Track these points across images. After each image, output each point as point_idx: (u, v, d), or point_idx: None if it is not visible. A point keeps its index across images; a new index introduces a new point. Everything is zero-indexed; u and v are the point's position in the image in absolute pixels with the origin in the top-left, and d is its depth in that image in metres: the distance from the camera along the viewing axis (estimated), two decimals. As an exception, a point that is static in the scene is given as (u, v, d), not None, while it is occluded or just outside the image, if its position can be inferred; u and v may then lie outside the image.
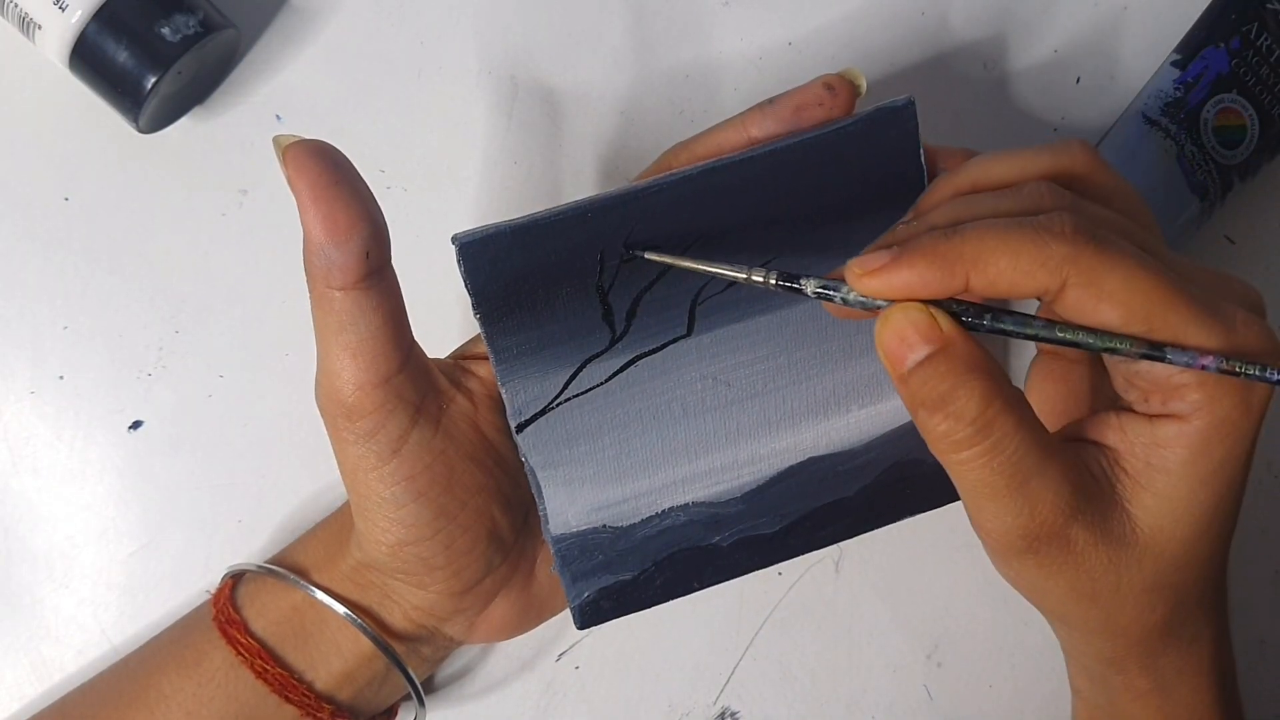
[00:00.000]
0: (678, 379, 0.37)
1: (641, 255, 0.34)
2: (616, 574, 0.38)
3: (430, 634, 0.38)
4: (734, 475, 0.38)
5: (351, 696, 0.37)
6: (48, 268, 0.41)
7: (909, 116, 0.35)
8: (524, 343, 0.35)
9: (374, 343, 0.32)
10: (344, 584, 0.37)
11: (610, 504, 0.37)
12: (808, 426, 0.38)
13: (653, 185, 0.34)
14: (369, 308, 0.32)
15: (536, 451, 0.36)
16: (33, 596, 0.42)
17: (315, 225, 0.31)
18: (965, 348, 0.29)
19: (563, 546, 0.37)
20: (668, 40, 0.44)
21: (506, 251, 0.34)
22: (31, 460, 0.42)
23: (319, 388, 0.33)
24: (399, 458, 0.33)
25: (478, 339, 0.38)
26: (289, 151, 0.31)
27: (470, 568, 0.36)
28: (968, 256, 0.28)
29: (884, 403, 0.39)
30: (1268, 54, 0.44)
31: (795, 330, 0.37)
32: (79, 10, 0.37)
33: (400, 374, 0.33)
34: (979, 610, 0.46)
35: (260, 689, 0.36)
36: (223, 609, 0.37)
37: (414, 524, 0.34)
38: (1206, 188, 0.43)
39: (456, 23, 0.43)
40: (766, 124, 0.35)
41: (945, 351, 0.29)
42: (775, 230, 0.36)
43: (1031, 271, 0.28)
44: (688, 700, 0.45)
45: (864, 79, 0.35)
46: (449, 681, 0.44)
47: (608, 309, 0.35)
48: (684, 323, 0.36)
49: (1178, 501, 0.30)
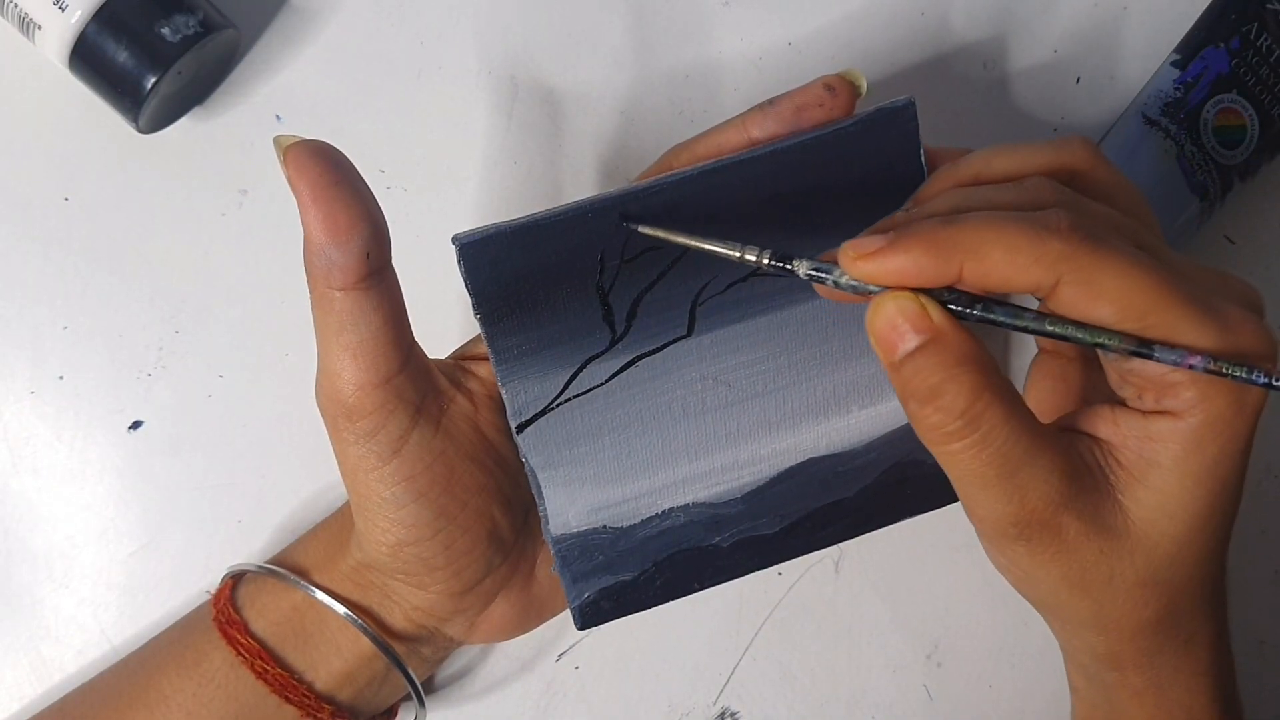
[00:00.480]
0: (678, 379, 0.37)
1: (635, 228, 0.34)
2: (617, 574, 0.38)
3: (430, 634, 0.38)
4: (734, 476, 0.38)
5: (351, 697, 0.37)
6: (48, 268, 0.41)
7: (909, 117, 0.35)
8: (524, 343, 0.35)
9: (374, 343, 0.32)
10: (344, 584, 0.37)
11: (610, 504, 0.37)
12: (808, 427, 0.38)
13: (653, 185, 0.34)
14: (369, 308, 0.32)
15: (537, 452, 0.36)
16: (32, 597, 0.42)
17: (316, 225, 0.31)
18: (956, 339, 0.29)
19: (563, 547, 0.37)
20: (668, 40, 0.44)
21: (506, 252, 0.34)
22: (31, 460, 0.42)
23: (319, 388, 0.33)
24: (399, 458, 0.33)
25: (478, 339, 0.38)
26: (289, 152, 0.31)
27: (470, 568, 0.36)
28: (963, 246, 0.28)
29: (884, 403, 0.39)
30: (1268, 54, 0.44)
31: (795, 331, 0.37)
32: (79, 10, 0.37)
33: (401, 374, 0.33)
34: (979, 610, 0.46)
35: (260, 689, 0.36)
36: (223, 609, 0.37)
37: (414, 524, 0.34)
38: (1206, 188, 0.43)
39: (456, 23, 0.43)
40: (767, 124, 0.35)
41: (936, 342, 0.28)
42: (775, 231, 0.36)
43: (1026, 266, 0.28)
44: (688, 700, 0.45)
45: (864, 80, 0.35)
46: (449, 681, 0.44)
47: (608, 309, 0.35)
48: (684, 323, 0.36)
49: (1170, 496, 0.30)
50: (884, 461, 0.39)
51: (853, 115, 0.36)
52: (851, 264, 0.29)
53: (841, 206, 0.36)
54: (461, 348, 0.39)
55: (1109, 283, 0.28)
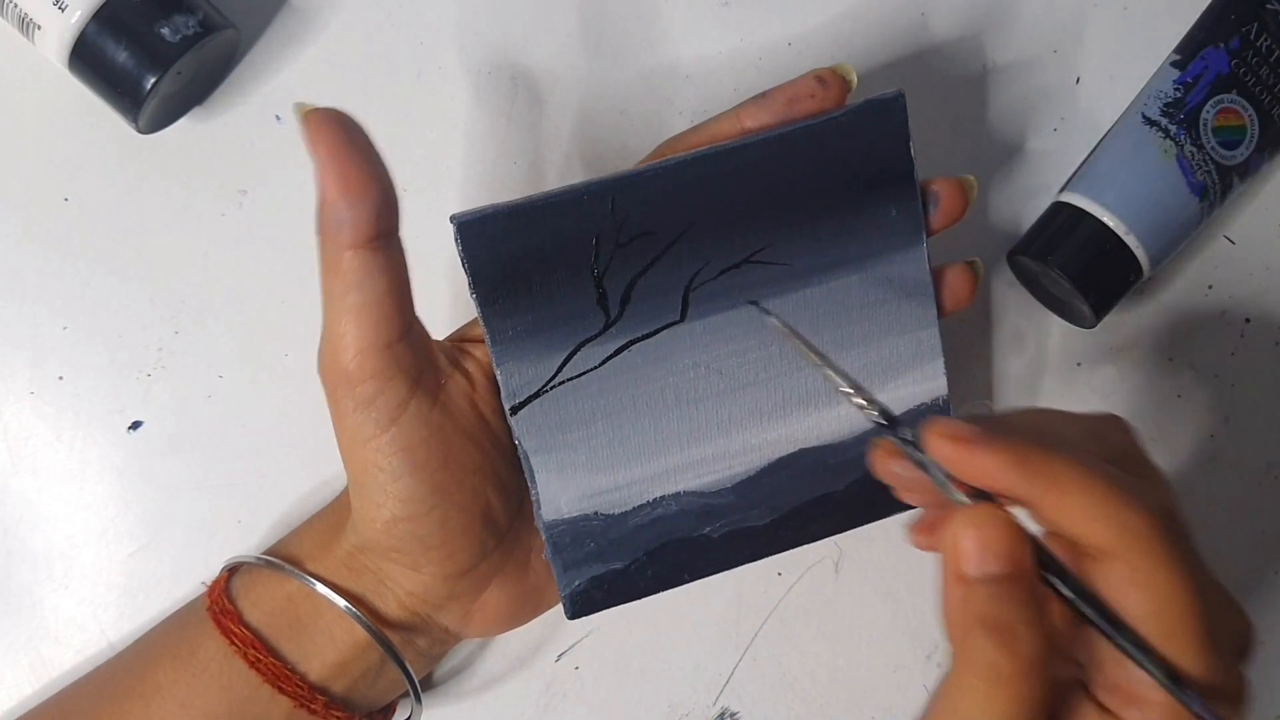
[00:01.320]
0: (671, 366, 0.37)
1: (771, 316, 0.35)
2: (608, 563, 0.38)
3: (425, 623, 0.38)
4: (725, 465, 0.38)
5: (346, 689, 0.37)
6: (47, 268, 0.41)
7: (899, 109, 0.36)
8: (519, 325, 0.35)
9: (378, 306, 0.33)
10: (338, 570, 0.37)
11: (602, 491, 0.37)
12: (798, 418, 0.38)
13: (649, 170, 0.35)
14: (375, 269, 0.33)
15: (530, 435, 0.36)
16: (32, 597, 0.42)
17: (330, 183, 0.32)
18: (1034, 589, 0.28)
19: (555, 533, 0.37)
20: (668, 40, 0.44)
21: (503, 232, 0.34)
22: (31, 460, 0.42)
23: (321, 356, 0.34)
24: (397, 427, 0.34)
25: (473, 323, 0.38)
26: (310, 116, 0.32)
27: (465, 549, 0.36)
28: (1049, 476, 0.27)
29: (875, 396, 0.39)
30: (1267, 54, 0.43)
31: (788, 319, 0.37)
32: (78, 10, 0.37)
33: (401, 342, 0.34)
34: (979, 610, 0.46)
35: (254, 679, 0.36)
36: (217, 599, 0.37)
37: (410, 499, 0.34)
38: (1206, 188, 0.43)
39: (456, 23, 0.43)
40: (760, 115, 0.37)
41: (1024, 580, 0.27)
42: (767, 216, 0.36)
43: (1097, 526, 0.27)
44: (688, 701, 0.45)
45: (855, 73, 0.37)
46: (449, 681, 0.44)
47: (602, 293, 0.36)
48: (678, 308, 0.37)
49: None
50: None
51: (844, 106, 0.36)
52: (935, 439, 0.28)
53: (832, 194, 0.37)
54: (458, 330, 0.39)
55: (1161, 580, 0.27)
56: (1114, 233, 0.42)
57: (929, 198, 0.38)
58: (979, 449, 0.28)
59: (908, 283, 0.38)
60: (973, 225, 0.46)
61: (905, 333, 0.39)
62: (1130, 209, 0.42)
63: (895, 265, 0.38)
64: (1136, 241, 0.42)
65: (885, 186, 0.37)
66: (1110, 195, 0.42)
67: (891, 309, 0.38)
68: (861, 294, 0.38)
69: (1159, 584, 0.27)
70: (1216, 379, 0.47)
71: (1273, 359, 0.47)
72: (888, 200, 0.37)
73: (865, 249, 0.37)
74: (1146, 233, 0.42)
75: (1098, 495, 0.27)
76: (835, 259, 0.37)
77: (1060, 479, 0.28)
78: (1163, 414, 0.47)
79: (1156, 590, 0.27)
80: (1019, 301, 0.46)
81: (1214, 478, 0.46)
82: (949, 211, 0.38)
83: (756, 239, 0.36)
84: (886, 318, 0.38)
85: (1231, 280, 0.47)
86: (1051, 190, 0.45)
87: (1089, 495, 0.27)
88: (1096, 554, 0.28)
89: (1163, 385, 0.47)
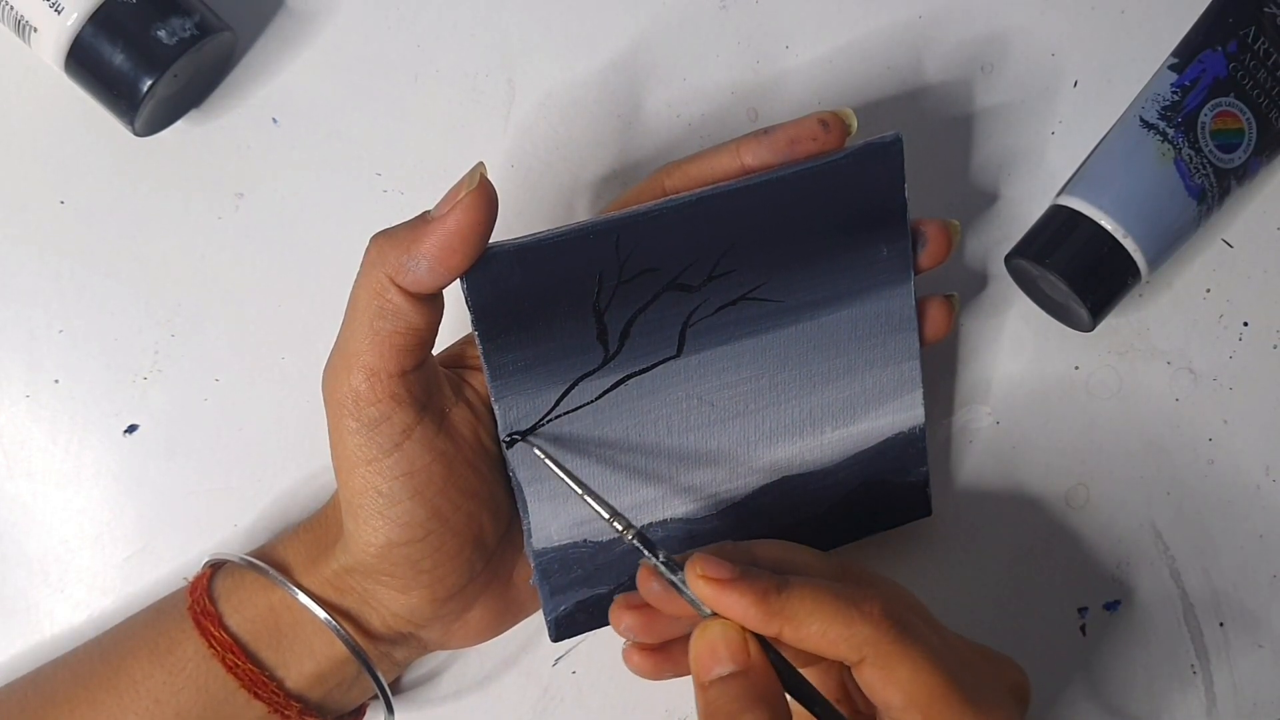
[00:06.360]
0: (665, 398, 0.37)
1: (529, 444, 0.36)
2: (594, 588, 0.39)
3: (405, 639, 0.38)
4: (712, 492, 0.39)
5: (321, 697, 0.38)
6: (43, 271, 0.41)
7: (895, 152, 0.37)
8: (519, 359, 0.35)
9: (403, 340, 0.33)
10: (324, 588, 0.37)
11: (592, 519, 0.38)
12: (784, 446, 0.39)
13: (654, 210, 0.35)
14: (413, 312, 0.33)
15: (525, 466, 0.37)
16: (27, 601, 0.42)
17: (436, 245, 0.32)
18: (764, 676, 0.31)
19: (544, 561, 0.38)
20: (665, 44, 0.44)
21: (508, 270, 0.34)
22: (26, 464, 0.42)
23: (329, 371, 0.34)
24: (400, 452, 0.34)
25: (469, 340, 0.38)
26: (481, 185, 0.32)
27: (455, 573, 0.36)
28: (785, 614, 0.31)
29: (856, 425, 0.40)
30: (1265, 58, 0.44)
31: (780, 353, 0.38)
32: (74, 13, 0.37)
33: (414, 373, 0.34)
34: (979, 612, 0.45)
35: (230, 683, 0.36)
36: (199, 599, 0.37)
37: (407, 523, 0.34)
38: (1204, 191, 0.43)
39: (453, 26, 0.43)
40: (761, 153, 0.37)
41: (745, 675, 0.31)
42: (764, 254, 0.37)
43: (836, 644, 0.31)
44: (685, 705, 0.44)
45: (855, 119, 0.38)
46: (447, 684, 0.44)
47: (603, 329, 0.36)
48: (674, 343, 0.37)
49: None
50: (853, 480, 0.41)
51: (843, 148, 0.37)
52: (695, 580, 0.31)
53: (828, 234, 0.37)
54: (455, 346, 0.39)
55: (904, 673, 0.31)
56: (1112, 236, 0.42)
57: (918, 238, 0.39)
58: (728, 591, 0.31)
59: (894, 317, 0.39)
60: (971, 227, 0.46)
61: (889, 365, 0.40)
62: (1128, 212, 0.42)
63: (883, 301, 0.39)
64: (1134, 244, 0.42)
65: (878, 226, 0.38)
66: (1108, 198, 0.42)
67: (877, 343, 0.39)
68: (850, 329, 0.39)
69: (904, 678, 0.31)
70: (1214, 382, 0.47)
71: (1271, 362, 0.47)
72: (879, 240, 0.38)
73: (855, 285, 0.38)
74: (1144, 236, 0.42)
75: (829, 619, 0.31)
76: (827, 295, 0.38)
77: (793, 613, 0.31)
78: (1160, 417, 0.47)
79: (904, 684, 0.31)
80: (1017, 304, 0.46)
81: (1212, 481, 0.46)
82: (935, 254, 0.39)
83: (754, 276, 0.37)
84: (872, 351, 0.39)
85: (1229, 283, 0.47)
86: (1049, 193, 0.45)
87: (823, 621, 0.31)
88: (851, 665, 0.32)
89: (1161, 388, 0.47)
